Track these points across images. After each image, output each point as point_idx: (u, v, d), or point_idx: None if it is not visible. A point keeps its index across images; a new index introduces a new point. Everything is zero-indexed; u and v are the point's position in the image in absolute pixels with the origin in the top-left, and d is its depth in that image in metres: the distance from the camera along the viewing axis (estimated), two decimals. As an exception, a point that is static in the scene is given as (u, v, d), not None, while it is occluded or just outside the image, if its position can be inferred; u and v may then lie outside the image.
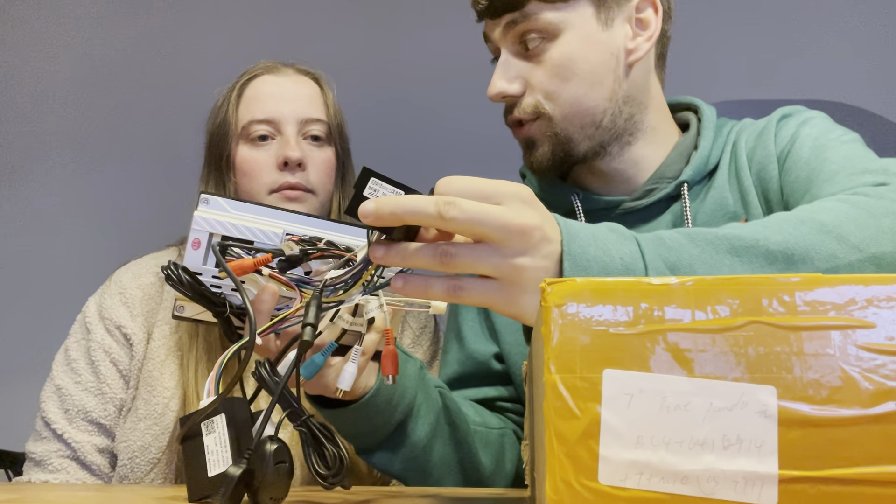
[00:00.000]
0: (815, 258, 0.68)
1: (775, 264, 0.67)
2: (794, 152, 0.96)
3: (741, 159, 1.01)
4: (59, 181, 2.54)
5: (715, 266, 0.66)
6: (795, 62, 2.41)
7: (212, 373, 0.66)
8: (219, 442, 0.63)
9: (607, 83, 0.99)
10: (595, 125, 0.99)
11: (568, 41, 0.97)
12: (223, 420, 0.63)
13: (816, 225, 0.70)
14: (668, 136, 1.05)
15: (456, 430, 0.93)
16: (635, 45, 1.00)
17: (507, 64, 0.99)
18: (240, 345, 0.67)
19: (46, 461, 1.09)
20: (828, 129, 0.97)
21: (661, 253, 0.66)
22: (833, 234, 0.69)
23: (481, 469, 0.95)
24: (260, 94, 1.20)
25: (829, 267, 0.68)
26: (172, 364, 1.12)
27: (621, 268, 0.64)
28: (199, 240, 0.77)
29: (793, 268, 0.67)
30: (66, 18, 2.59)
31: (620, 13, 0.99)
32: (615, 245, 0.65)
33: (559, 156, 1.00)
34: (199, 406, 0.65)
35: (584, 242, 0.64)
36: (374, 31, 2.56)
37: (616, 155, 1.02)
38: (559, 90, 0.98)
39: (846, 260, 0.69)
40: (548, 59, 0.98)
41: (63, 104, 2.56)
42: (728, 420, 0.46)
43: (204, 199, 0.79)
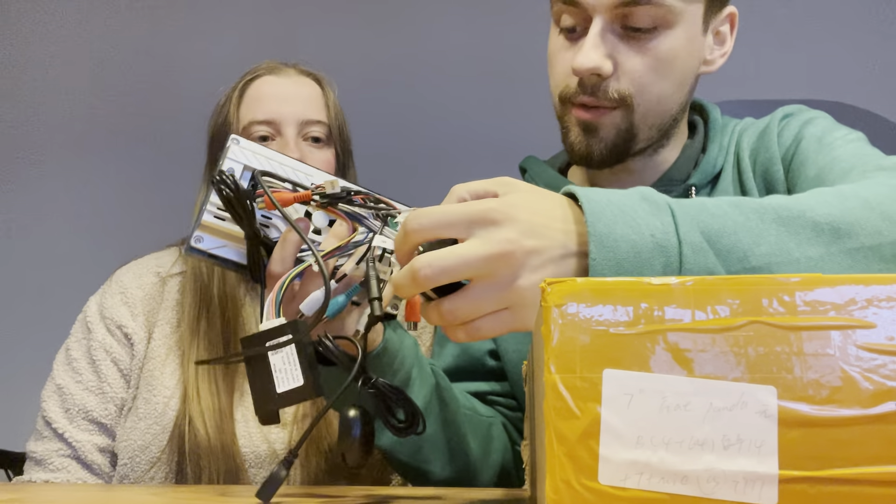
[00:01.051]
0: (860, 233, 0.65)
1: (821, 236, 0.64)
2: (801, 153, 0.95)
3: (744, 161, 1.01)
4: (59, 181, 2.54)
5: (761, 235, 0.63)
6: (796, 62, 2.41)
7: (272, 294, 0.69)
8: (287, 361, 0.65)
9: (686, 89, 0.96)
10: (659, 128, 0.96)
11: (678, 36, 0.91)
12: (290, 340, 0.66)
13: (861, 200, 0.68)
14: (683, 138, 1.05)
15: (446, 409, 0.92)
16: (712, 58, 0.98)
17: (603, 38, 0.90)
18: (302, 267, 0.71)
19: (47, 460, 1.10)
20: (832, 127, 0.97)
21: (701, 220, 0.62)
22: (877, 211, 0.67)
23: (469, 452, 0.94)
24: (261, 94, 1.20)
25: (874, 244, 0.65)
26: (173, 363, 1.12)
27: (652, 245, 0.60)
28: (234, 169, 0.78)
29: (839, 242, 0.65)
30: (66, 18, 2.59)
31: (713, 21, 0.96)
32: (645, 218, 0.61)
33: (618, 150, 0.94)
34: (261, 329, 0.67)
35: (609, 220, 0.60)
36: (376, 31, 2.56)
37: (648, 156, 1.00)
38: (651, 85, 0.92)
39: (891, 237, 0.66)
40: (653, 48, 0.90)
41: (64, 103, 2.56)
42: (728, 420, 0.46)
43: (235, 139, 0.79)
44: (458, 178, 0.71)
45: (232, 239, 0.77)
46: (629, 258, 0.59)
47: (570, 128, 0.96)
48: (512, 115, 2.31)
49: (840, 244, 0.65)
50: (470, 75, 2.46)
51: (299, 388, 0.65)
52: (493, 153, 2.27)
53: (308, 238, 0.71)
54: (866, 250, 0.65)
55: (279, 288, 0.69)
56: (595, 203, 0.61)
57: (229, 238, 0.77)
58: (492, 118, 2.40)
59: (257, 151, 0.79)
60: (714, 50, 0.99)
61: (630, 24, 0.90)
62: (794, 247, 0.63)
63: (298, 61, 1.26)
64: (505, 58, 2.40)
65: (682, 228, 0.61)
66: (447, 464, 0.92)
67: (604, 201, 0.61)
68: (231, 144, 0.79)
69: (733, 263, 0.61)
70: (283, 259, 0.75)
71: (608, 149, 0.94)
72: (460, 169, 2.35)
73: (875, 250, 0.65)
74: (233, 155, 0.78)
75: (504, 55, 2.41)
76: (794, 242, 0.63)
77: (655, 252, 0.60)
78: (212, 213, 0.77)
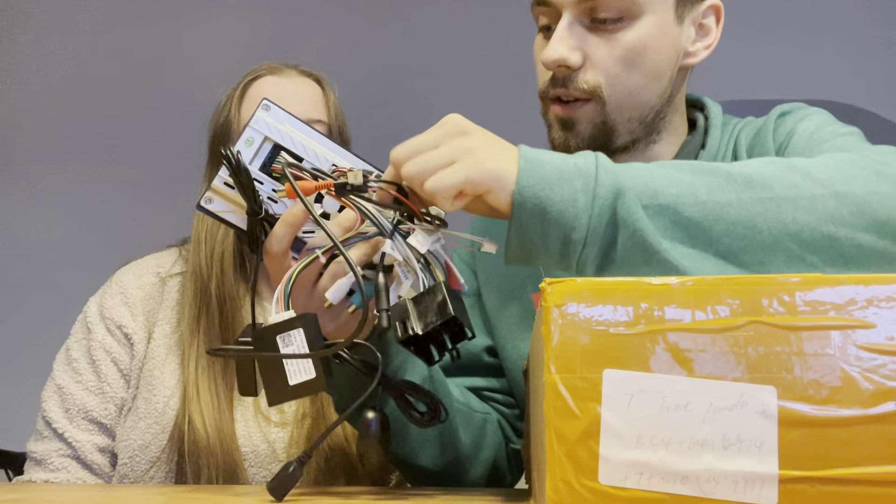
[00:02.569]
0: (774, 186, 0.70)
1: (733, 185, 0.70)
2: (791, 148, 0.95)
3: (741, 158, 1.01)
4: (59, 181, 2.54)
5: (674, 180, 0.71)
6: (796, 62, 2.41)
7: (280, 287, 0.70)
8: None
9: (664, 81, 0.96)
10: (640, 120, 0.96)
11: (646, 26, 0.92)
12: (301, 334, 0.67)
13: (786, 164, 0.73)
14: (681, 134, 1.05)
15: None
16: (694, 50, 0.98)
17: (570, 30, 0.92)
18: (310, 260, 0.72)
19: (47, 460, 1.10)
20: (825, 123, 0.97)
21: (621, 167, 0.72)
22: (800, 172, 0.72)
23: (459, 447, 0.94)
24: (261, 94, 1.19)
25: (790, 196, 0.70)
26: (173, 363, 1.12)
27: (574, 169, 0.71)
28: (254, 139, 0.79)
29: (751, 191, 0.70)
30: (66, 18, 2.59)
31: (691, 12, 0.96)
32: (573, 157, 0.73)
33: (596, 145, 0.95)
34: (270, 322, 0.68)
35: (540, 151, 0.72)
36: (376, 31, 2.56)
37: (639, 152, 1.00)
38: (622, 76, 0.93)
39: (808, 192, 0.70)
40: (620, 39, 0.92)
41: (64, 104, 2.56)
42: (728, 420, 0.46)
43: (265, 105, 0.80)
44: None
45: (239, 206, 0.79)
46: (552, 175, 0.70)
47: (551, 125, 0.98)
48: (512, 115, 2.31)
49: (752, 192, 0.70)
50: (470, 75, 2.46)
51: (311, 382, 0.66)
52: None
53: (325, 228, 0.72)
54: (780, 200, 0.70)
55: (287, 281, 0.70)
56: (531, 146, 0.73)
57: (237, 205, 0.79)
58: (492, 118, 2.40)
59: (284, 122, 0.80)
60: (696, 42, 0.99)
61: (597, 15, 0.91)
62: (703, 192, 0.70)
63: (299, 62, 1.26)
64: (505, 57, 2.40)
65: (600, 160, 0.72)
66: (437, 457, 0.92)
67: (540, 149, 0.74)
68: (259, 111, 0.79)
69: (645, 198, 0.70)
70: (280, 238, 0.76)
71: (585, 143, 0.95)
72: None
73: (790, 201, 0.70)
74: (256, 124, 0.79)
75: (504, 55, 2.41)
76: (705, 188, 0.70)
77: (576, 174, 0.70)
78: (222, 180, 0.78)
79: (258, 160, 0.79)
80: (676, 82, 0.99)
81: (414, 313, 0.69)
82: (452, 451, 0.93)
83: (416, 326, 0.68)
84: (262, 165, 0.79)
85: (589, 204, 0.69)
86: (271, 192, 0.79)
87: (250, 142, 0.79)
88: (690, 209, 0.69)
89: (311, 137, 0.80)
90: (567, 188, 0.69)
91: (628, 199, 0.69)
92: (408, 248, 0.71)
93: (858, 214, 0.70)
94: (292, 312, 0.68)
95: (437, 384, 0.92)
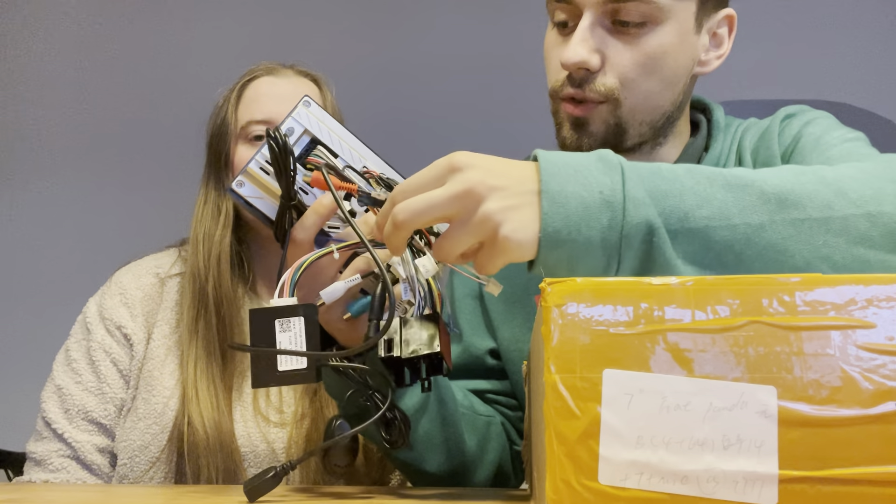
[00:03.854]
0: (808, 205, 0.68)
1: (767, 205, 0.67)
2: (797, 153, 0.95)
3: (746, 160, 1.00)
4: (59, 182, 2.54)
5: (706, 198, 0.67)
6: (797, 62, 2.41)
7: (289, 272, 0.70)
8: (294, 342, 0.67)
9: (678, 87, 0.96)
10: (651, 125, 0.96)
11: (668, 32, 0.92)
12: (301, 322, 0.67)
13: (818, 177, 0.70)
14: (685, 136, 1.05)
15: (444, 408, 0.91)
16: (707, 59, 0.98)
17: (591, 32, 0.91)
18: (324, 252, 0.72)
19: (47, 461, 1.10)
20: (831, 127, 0.97)
21: (650, 181, 0.67)
22: (833, 187, 0.69)
23: (465, 451, 0.94)
24: (259, 94, 1.20)
25: (822, 217, 0.68)
26: (172, 363, 1.12)
27: (600, 201, 0.65)
28: (294, 129, 0.80)
29: (784, 211, 0.67)
30: (66, 18, 2.59)
31: (708, 21, 0.96)
32: (597, 176, 0.66)
33: (607, 146, 0.94)
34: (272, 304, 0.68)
35: (563, 179, 0.66)
36: (374, 31, 2.56)
37: (645, 154, 1.00)
38: (639, 80, 0.92)
39: (841, 212, 0.68)
40: (642, 44, 0.91)
41: (64, 105, 2.56)
42: (728, 420, 0.46)
43: (306, 101, 0.81)
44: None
45: (270, 193, 0.80)
46: (578, 212, 0.65)
47: (561, 123, 0.97)
48: (512, 115, 2.31)
49: (785, 213, 0.67)
50: (469, 75, 2.46)
51: (301, 372, 0.66)
52: (493, 153, 2.27)
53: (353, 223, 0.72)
54: (812, 222, 0.67)
55: (296, 268, 0.70)
56: (551, 163, 0.67)
57: (268, 192, 0.80)
58: (492, 118, 2.40)
59: (323, 120, 0.81)
60: (709, 51, 0.99)
61: (619, 18, 0.91)
62: (735, 212, 0.67)
63: (296, 62, 1.26)
64: (505, 57, 2.41)
65: (628, 185, 0.66)
66: (443, 462, 0.92)
67: (560, 162, 0.67)
68: (300, 106, 0.81)
69: (674, 223, 0.65)
70: (307, 227, 0.77)
71: (598, 144, 0.95)
72: (460, 169, 2.34)
73: (822, 222, 0.67)
74: (298, 116, 0.80)
75: (504, 55, 2.42)
76: (737, 208, 0.67)
77: (602, 207, 0.65)
78: (258, 164, 0.80)
79: (295, 151, 0.81)
80: (687, 89, 0.99)
81: (401, 335, 0.68)
82: (458, 455, 0.93)
83: (399, 349, 0.68)
84: (298, 156, 0.80)
85: (617, 243, 0.65)
86: (303, 184, 0.80)
87: (291, 131, 0.80)
88: (722, 232, 0.66)
89: (347, 138, 0.82)
90: (595, 227, 0.65)
91: (659, 238, 0.65)
92: (414, 268, 0.70)
93: (889, 236, 0.69)
94: (294, 299, 0.68)
95: (442, 389, 0.92)
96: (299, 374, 0.66)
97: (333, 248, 0.73)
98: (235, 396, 1.10)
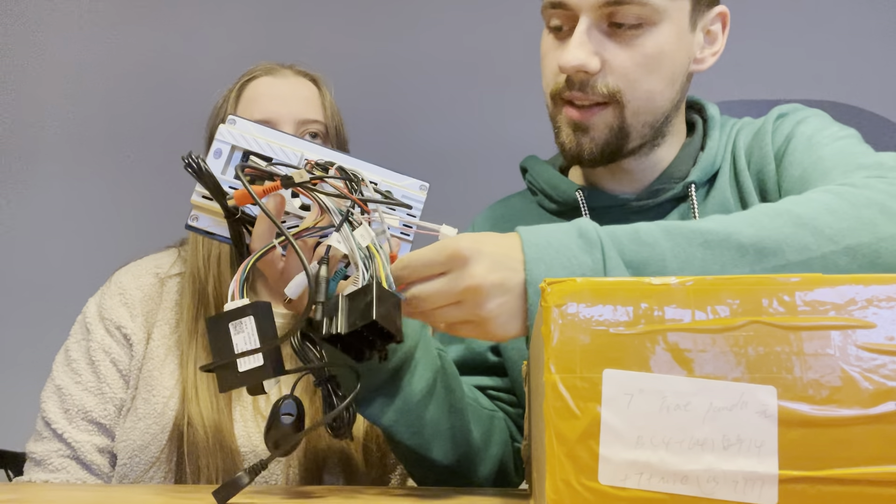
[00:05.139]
0: (786, 251, 0.69)
1: (746, 257, 0.69)
2: (790, 152, 0.96)
3: (740, 160, 1.01)
4: (58, 182, 2.54)
5: (687, 260, 0.69)
6: (796, 62, 2.41)
7: (236, 276, 0.71)
8: (248, 342, 0.68)
9: (676, 86, 0.97)
10: (651, 125, 0.97)
11: (664, 33, 0.93)
12: (252, 322, 0.68)
13: (793, 217, 0.71)
14: (681, 136, 1.05)
15: (451, 395, 0.91)
16: (702, 57, 0.99)
17: (588, 35, 0.92)
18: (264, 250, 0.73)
19: (47, 461, 1.10)
20: (823, 126, 0.97)
21: (631, 251, 0.70)
22: (808, 227, 0.70)
23: (471, 441, 0.94)
24: (258, 94, 1.20)
25: (802, 259, 0.69)
26: (172, 363, 1.12)
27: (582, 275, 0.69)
28: (222, 150, 0.81)
29: (764, 261, 0.69)
30: (65, 20, 2.59)
31: (703, 19, 0.97)
32: (578, 256, 0.71)
33: (610, 149, 0.96)
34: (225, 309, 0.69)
35: (548, 262, 0.70)
36: (374, 31, 2.56)
37: (643, 155, 1.01)
38: (641, 80, 0.93)
39: (819, 251, 0.69)
40: (639, 45, 0.92)
41: (63, 104, 2.56)
42: (728, 420, 0.46)
43: (231, 120, 0.82)
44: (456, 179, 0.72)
45: (222, 217, 0.80)
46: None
47: (561, 127, 0.98)
48: (512, 116, 2.31)
49: (765, 262, 0.69)
50: (468, 75, 2.46)
51: (259, 369, 0.67)
52: (492, 153, 2.27)
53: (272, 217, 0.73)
54: (793, 266, 0.69)
55: (242, 270, 0.71)
56: (535, 247, 0.71)
57: (220, 216, 0.80)
58: (491, 118, 2.40)
59: (247, 132, 0.82)
60: (704, 48, 1.00)
61: (615, 20, 0.92)
62: (717, 269, 0.69)
63: (295, 62, 1.26)
64: (504, 57, 2.40)
65: (609, 264, 0.70)
66: (449, 451, 0.92)
67: (543, 244, 0.72)
68: (223, 125, 0.82)
69: None
70: (261, 235, 0.78)
71: (599, 148, 0.95)
72: (458, 170, 2.35)
73: (803, 265, 0.69)
74: (221, 136, 0.81)
75: (504, 55, 2.41)
76: (718, 265, 0.69)
77: None
78: (199, 194, 0.80)
79: (230, 170, 0.81)
80: (684, 88, 1.00)
81: (344, 311, 0.68)
82: (464, 445, 0.93)
83: (340, 325, 0.67)
84: (236, 174, 0.80)
85: None
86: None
87: (219, 153, 0.81)
88: None
89: (280, 139, 0.83)
90: None
91: None
92: (354, 241, 0.71)
93: (870, 267, 0.70)
94: (246, 300, 0.69)
95: (450, 377, 0.92)
96: (258, 370, 0.67)
97: (274, 242, 0.74)
98: (235, 396, 1.10)
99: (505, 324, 0.71)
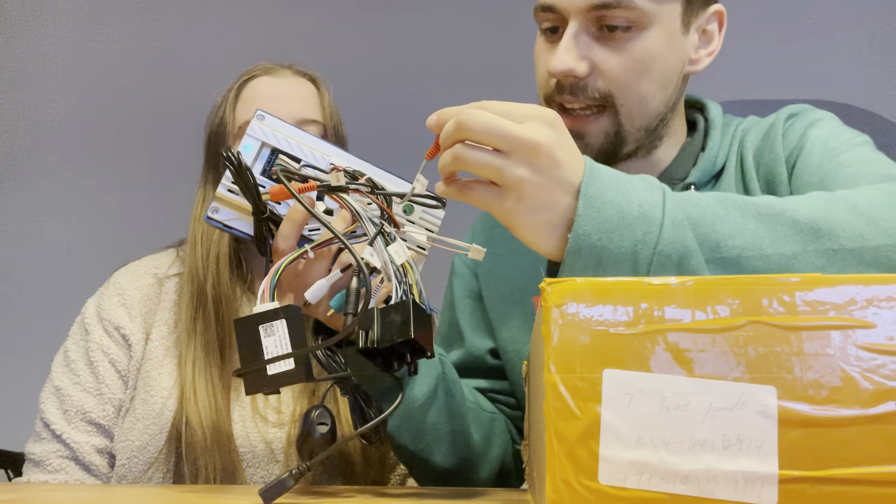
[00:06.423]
0: (841, 235, 0.68)
1: (799, 235, 0.67)
2: (805, 156, 0.94)
3: (748, 161, 1.00)
4: (57, 182, 2.53)
5: (738, 228, 0.67)
6: (796, 61, 2.41)
7: (267, 278, 0.71)
8: (279, 345, 0.68)
9: (670, 88, 0.96)
10: (647, 128, 0.96)
11: (654, 36, 0.92)
12: (284, 325, 0.68)
13: (849, 205, 0.70)
14: (681, 136, 1.04)
15: (452, 400, 0.92)
16: (698, 57, 0.98)
17: (577, 39, 0.91)
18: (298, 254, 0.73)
19: (46, 462, 1.10)
20: (838, 131, 0.96)
21: (685, 207, 0.67)
22: (864, 216, 0.69)
23: (472, 444, 0.94)
24: (257, 94, 1.20)
25: (855, 247, 0.68)
26: (170, 363, 1.12)
27: (638, 213, 0.66)
28: (252, 146, 0.82)
29: (817, 241, 0.67)
30: (65, 19, 2.59)
31: (696, 20, 0.97)
32: (638, 192, 0.67)
33: (604, 155, 0.95)
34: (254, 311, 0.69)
35: (603, 185, 0.66)
36: (373, 31, 2.56)
37: (640, 158, 1.00)
38: (633, 84, 0.93)
39: (874, 242, 0.68)
40: (629, 49, 0.92)
41: (62, 104, 2.55)
42: (728, 420, 0.46)
43: (260, 115, 0.83)
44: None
45: (245, 212, 0.81)
46: (613, 220, 0.65)
47: None
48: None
49: (818, 244, 0.67)
50: (467, 75, 2.46)
51: (289, 373, 0.67)
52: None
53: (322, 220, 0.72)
54: (845, 252, 0.67)
55: (273, 273, 0.71)
56: (597, 168, 0.68)
57: (242, 211, 0.81)
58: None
59: (278, 129, 0.83)
60: (700, 49, 0.99)
61: (605, 24, 0.91)
62: (768, 242, 0.67)
63: (294, 62, 1.26)
64: (504, 57, 2.40)
65: (668, 205, 0.67)
66: (450, 454, 0.92)
67: (604, 170, 0.68)
68: (253, 120, 0.82)
69: (706, 251, 0.66)
70: (286, 236, 0.78)
71: (594, 153, 0.95)
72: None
73: (855, 253, 0.67)
74: (252, 131, 0.82)
75: (503, 55, 2.41)
76: (770, 238, 0.67)
77: (639, 220, 0.66)
78: (226, 187, 0.81)
79: (258, 165, 0.82)
80: (680, 89, 0.99)
81: (378, 325, 0.68)
82: (465, 448, 0.93)
83: (377, 339, 0.68)
84: (262, 170, 0.82)
85: (649, 257, 0.65)
86: None
87: (249, 149, 0.82)
88: (755, 262, 0.66)
89: (307, 140, 0.83)
90: (627, 238, 0.65)
91: (696, 262, 0.65)
92: (388, 255, 0.71)
93: None
94: (276, 303, 0.69)
95: (450, 382, 0.92)
96: (289, 374, 0.67)
97: (307, 247, 0.74)
98: (234, 396, 1.10)
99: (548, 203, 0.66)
